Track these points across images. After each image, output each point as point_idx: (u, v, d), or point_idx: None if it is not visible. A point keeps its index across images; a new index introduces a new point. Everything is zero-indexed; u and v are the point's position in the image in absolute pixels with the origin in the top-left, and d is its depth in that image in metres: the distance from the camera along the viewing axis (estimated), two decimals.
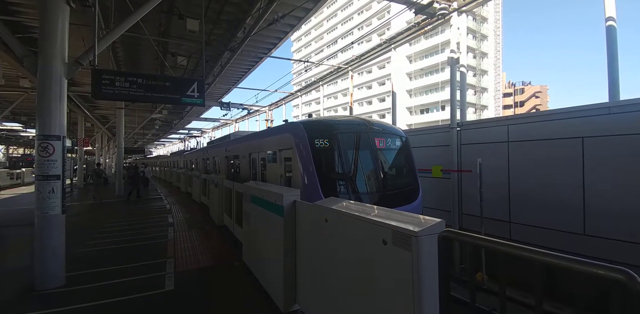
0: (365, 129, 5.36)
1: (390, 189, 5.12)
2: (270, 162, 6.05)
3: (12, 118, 20.84)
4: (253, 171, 7.26)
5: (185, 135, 39.83)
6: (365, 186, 4.98)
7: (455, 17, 8.41)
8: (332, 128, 5.24)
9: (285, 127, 5.93)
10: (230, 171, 9.54)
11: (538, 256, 1.38)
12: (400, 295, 1.85)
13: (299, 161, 4.83)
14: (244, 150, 7.92)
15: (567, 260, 1.28)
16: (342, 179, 4.88)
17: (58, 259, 4.25)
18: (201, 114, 24.43)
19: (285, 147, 5.32)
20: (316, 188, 4.52)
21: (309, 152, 4.77)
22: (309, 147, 4.80)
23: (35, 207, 4.17)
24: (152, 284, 4.22)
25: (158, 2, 5.22)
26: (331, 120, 5.81)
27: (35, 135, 4.24)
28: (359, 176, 4.96)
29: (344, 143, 5.05)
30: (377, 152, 5.20)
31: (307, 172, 4.69)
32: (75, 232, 6.64)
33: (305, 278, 3.20)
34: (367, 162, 5.08)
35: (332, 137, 5.01)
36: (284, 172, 5.47)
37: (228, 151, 9.61)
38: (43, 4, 4.28)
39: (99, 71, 4.85)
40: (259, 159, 6.87)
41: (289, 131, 5.42)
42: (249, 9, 7.63)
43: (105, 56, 9.22)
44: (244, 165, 7.90)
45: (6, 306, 3.64)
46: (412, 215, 2.24)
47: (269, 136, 6.46)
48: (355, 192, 4.78)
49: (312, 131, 5.03)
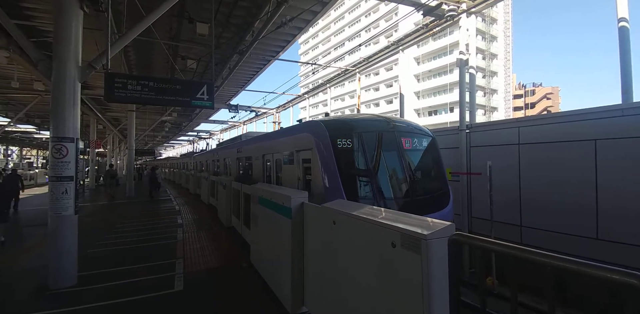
0: (390, 128, 4.89)
1: (419, 194, 4.65)
2: (286, 164, 5.62)
3: (26, 120, 21.40)
4: (267, 173, 6.93)
5: (194, 137, 40.30)
6: (393, 190, 4.53)
7: (464, 18, 8.35)
8: (356, 127, 4.84)
9: (303, 127, 5.50)
10: (241, 173, 9.24)
11: (549, 260, 1.35)
12: (410, 299, 1.83)
13: (319, 162, 4.45)
14: (256, 151, 7.54)
15: (579, 264, 1.26)
16: (367, 183, 4.46)
17: (71, 259, 4.33)
18: (210, 116, 24.69)
19: (304, 148, 4.93)
20: (339, 192, 4.11)
21: (330, 153, 4.36)
22: (330, 147, 4.39)
23: (49, 207, 4.26)
24: (162, 284, 4.26)
25: (169, 6, 5.32)
26: (353, 118, 5.42)
27: (50, 137, 4.35)
28: (386, 180, 4.53)
29: (368, 143, 4.61)
30: (404, 153, 4.75)
31: (329, 175, 4.31)
32: (87, 232, 6.77)
33: (313, 280, 3.19)
34: (394, 164, 4.65)
35: (356, 137, 4.58)
36: (302, 175, 5.09)
37: (240, 153, 9.25)
38: (57, 9, 4.40)
39: (111, 75, 4.96)
40: (273, 160, 6.47)
41: (308, 130, 5.00)
42: (257, 12, 7.71)
43: (118, 60, 9.42)
44: (256, 167, 7.54)
45: (20, 305, 3.72)
46: (421, 218, 2.22)
47: (285, 136, 6.03)
48: (382, 197, 4.32)
49: (334, 130, 4.60)
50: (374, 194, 4.32)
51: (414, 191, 4.61)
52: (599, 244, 5.29)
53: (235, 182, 7.48)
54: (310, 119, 5.83)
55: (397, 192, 4.54)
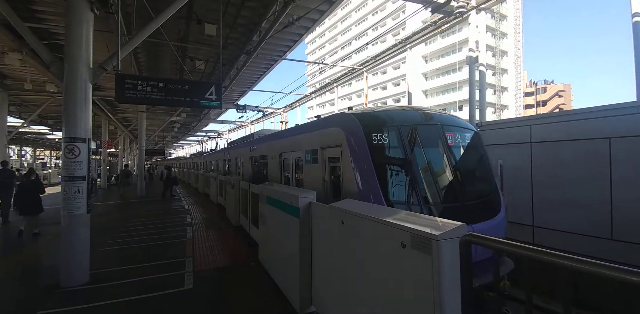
0: (432, 121, 4.28)
1: (469, 198, 3.96)
2: (309, 163, 5.04)
3: (39, 121, 21.93)
4: (285, 173, 6.36)
5: (202, 137, 40.74)
6: (439, 194, 3.87)
7: (474, 15, 8.22)
8: (393, 120, 4.19)
9: (331, 120, 4.90)
10: (255, 173, 8.66)
11: (564, 261, 1.31)
12: (420, 300, 1.80)
13: (351, 161, 3.88)
14: (272, 149, 6.95)
15: (595, 265, 1.21)
16: (409, 186, 3.83)
17: (83, 257, 4.42)
18: (218, 116, 24.91)
19: (332, 145, 4.37)
20: (377, 196, 3.57)
21: (365, 151, 3.80)
22: (365, 144, 3.83)
23: (62, 207, 4.35)
24: (172, 282, 4.32)
25: (178, 8, 5.37)
26: (389, 110, 4.73)
27: (62, 137, 4.43)
28: (431, 182, 3.90)
29: (408, 138, 4.01)
30: (449, 150, 4.13)
31: (364, 176, 3.74)
32: (99, 231, 6.90)
33: (321, 280, 3.18)
34: (439, 163, 4.05)
35: (394, 131, 3.98)
36: (327, 176, 4.54)
37: (253, 151, 8.69)
38: (68, 12, 4.48)
39: (122, 76, 5.03)
40: (292, 159, 5.90)
41: (336, 124, 4.42)
42: (264, 12, 7.73)
43: (128, 61, 9.56)
44: (273, 167, 6.94)
45: (33, 302, 3.80)
46: (432, 218, 2.19)
47: (308, 131, 5.41)
48: (427, 202, 3.71)
49: (368, 123, 4.03)
50: (417, 198, 3.72)
51: (463, 194, 3.92)
52: (613, 244, 5.16)
53: (243, 181, 7.51)
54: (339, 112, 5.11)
55: (445, 197, 3.87)
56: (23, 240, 6.89)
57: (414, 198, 3.74)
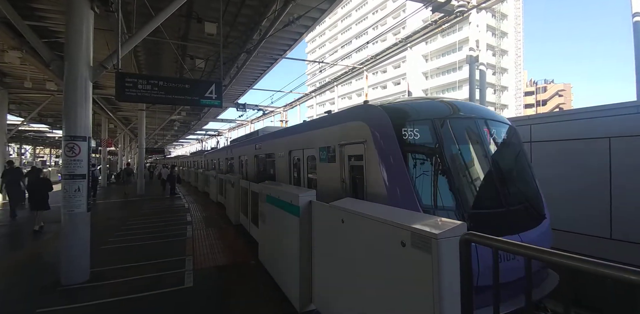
0: (469, 114, 3.80)
1: (515, 203, 3.46)
2: (324, 161, 4.57)
3: (38, 120, 21.91)
4: (295, 173, 5.92)
5: (202, 135, 40.72)
6: (483, 198, 3.39)
7: (474, 14, 8.21)
8: (426, 112, 3.69)
9: (352, 113, 4.29)
10: (261, 173, 8.18)
11: (563, 259, 1.31)
12: (420, 299, 1.81)
13: (378, 160, 3.38)
14: (281, 147, 6.44)
15: (594, 264, 1.22)
16: (447, 189, 3.28)
17: (83, 255, 4.43)
18: (218, 115, 24.89)
19: (353, 141, 3.87)
20: (410, 201, 3.08)
21: (396, 148, 3.32)
22: (395, 140, 3.35)
23: (62, 205, 4.35)
24: (172, 281, 4.33)
25: (178, 6, 5.36)
26: (419, 101, 4.19)
27: (62, 136, 4.43)
28: (473, 184, 3.44)
29: (445, 134, 3.49)
30: (490, 148, 3.67)
31: (395, 176, 3.26)
32: (99, 229, 6.90)
33: (321, 278, 3.19)
34: (480, 162, 3.55)
35: (429, 126, 3.49)
36: (347, 176, 4.04)
37: (258, 149, 8.17)
38: (69, 10, 4.47)
39: (122, 74, 5.03)
40: (303, 158, 5.44)
41: (360, 117, 3.88)
42: (264, 11, 7.71)
43: (128, 60, 9.54)
44: (281, 166, 6.45)
45: (33, 300, 3.80)
46: (431, 217, 2.20)
47: (323, 126, 4.84)
48: (469, 207, 3.19)
49: (398, 116, 3.55)
50: (457, 203, 3.18)
51: (509, 199, 3.43)
52: (612, 243, 5.18)
53: (243, 180, 7.51)
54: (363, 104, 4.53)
55: (489, 201, 3.39)
56: (31, 237, 7.05)
57: (452, 203, 3.20)
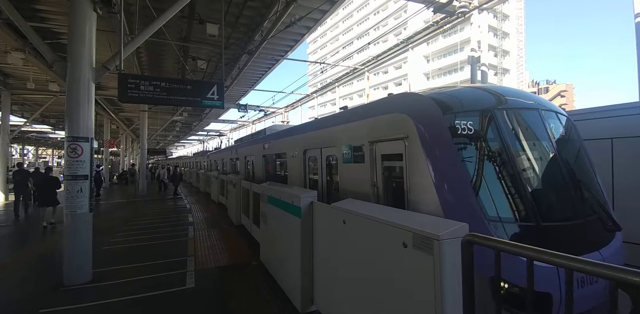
0: (530, 104, 3.16)
1: (590, 213, 2.88)
2: (348, 162, 3.90)
3: (41, 120, 22.01)
4: (310, 175, 5.39)
5: (203, 136, 40.81)
6: (559, 208, 2.88)
7: (476, 14, 8.20)
8: (485, 102, 3.03)
9: (388, 104, 3.59)
10: (269, 174, 7.63)
11: (567, 261, 1.31)
12: (421, 300, 1.81)
13: (427, 160, 2.70)
14: (294, 146, 5.84)
15: (597, 266, 1.22)
16: (518, 196, 2.66)
17: (85, 255, 4.44)
18: (219, 116, 24.94)
19: (389, 137, 3.19)
20: (473, 211, 2.47)
21: (450, 145, 2.69)
22: (449, 135, 2.71)
23: (64, 206, 4.37)
24: (174, 281, 4.34)
25: (180, 8, 5.38)
26: (471, 90, 3.41)
27: (65, 137, 4.45)
28: (545, 191, 2.86)
29: (510, 129, 2.89)
30: (558, 145, 3.04)
31: (451, 181, 2.60)
32: (101, 229, 6.92)
33: (322, 279, 3.19)
34: (551, 164, 2.97)
35: (491, 119, 2.84)
36: (379, 179, 3.39)
37: (267, 149, 7.58)
38: (72, 12, 4.49)
39: (125, 75, 5.05)
40: (321, 158, 4.84)
41: (399, 108, 3.18)
42: (266, 12, 7.73)
43: (130, 61, 9.59)
44: (294, 167, 5.86)
45: (36, 300, 3.82)
46: (432, 218, 2.19)
47: (347, 121, 4.12)
48: (544, 218, 2.58)
49: (449, 106, 2.89)
50: (531, 214, 2.58)
51: (583, 207, 2.88)
52: None
53: (244, 181, 7.52)
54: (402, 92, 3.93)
55: (565, 211, 2.85)
56: (40, 234, 7.30)
57: (524, 214, 2.60)
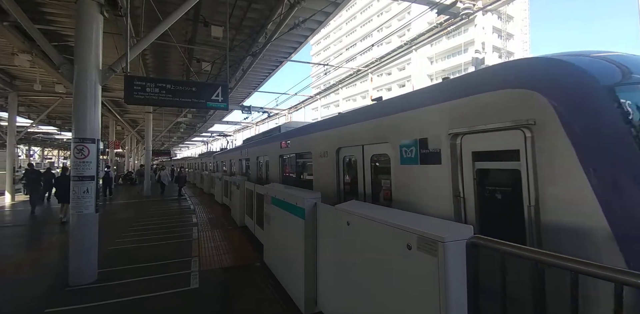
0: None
1: None
2: (411, 162, 2.95)
3: (47, 122, 22.29)
4: (347, 179, 4.31)
5: (207, 137, 41.03)
6: None
7: (480, 16, 8.18)
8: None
9: (496, 76, 2.44)
10: (289, 178, 6.60)
11: (573, 264, 1.31)
12: (425, 302, 1.80)
13: (578, 159, 1.76)
14: (323, 144, 4.80)
15: (604, 269, 1.21)
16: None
17: (91, 256, 4.48)
18: (223, 117, 25.07)
19: (493, 126, 2.21)
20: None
21: (620, 136, 1.76)
22: (617, 120, 1.78)
23: (71, 206, 4.42)
24: (178, 282, 4.35)
25: (185, 10, 5.44)
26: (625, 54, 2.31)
27: (72, 138, 4.50)
28: None
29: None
30: None
31: (629, 194, 1.65)
32: (106, 230, 6.97)
33: (326, 281, 3.19)
34: None
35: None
36: (470, 188, 2.44)
37: (286, 148, 6.54)
38: (79, 14, 4.56)
39: (131, 78, 5.10)
40: (364, 158, 3.83)
41: (519, 81, 2.14)
42: (270, 14, 7.78)
43: (136, 63, 9.68)
44: (322, 169, 4.82)
45: (41, 300, 3.85)
46: (438, 220, 2.18)
47: (415, 107, 3.01)
48: None
49: (611, 75, 1.96)
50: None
51: None
52: None
53: (248, 182, 7.54)
54: None
55: None
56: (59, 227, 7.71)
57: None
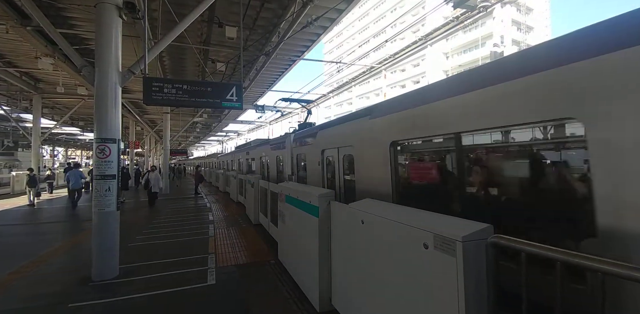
0: None
1: None
2: None
3: (70, 123, 23.23)
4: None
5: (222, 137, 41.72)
6: None
7: (499, 8, 7.93)
8: None
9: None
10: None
11: (602, 265, 1.24)
12: (443, 303, 1.76)
13: None
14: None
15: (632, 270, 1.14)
16: None
17: (113, 252, 4.64)
18: (237, 117, 25.44)
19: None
20: None
21: None
22: None
23: (93, 204, 4.58)
24: (195, 277, 4.45)
25: (200, 12, 5.52)
26: None
27: (94, 138, 4.66)
28: None
29: None
30: None
31: None
32: (127, 227, 7.21)
33: (340, 279, 3.18)
34: None
35: None
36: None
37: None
38: (98, 18, 4.69)
39: (149, 79, 5.23)
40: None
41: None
42: (283, 13, 7.81)
43: (153, 65, 9.94)
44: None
45: (66, 294, 4.01)
46: (455, 218, 2.12)
47: None
48: None
49: None
50: None
51: None
52: None
53: (262, 180, 7.61)
54: None
55: None
56: None
57: None
